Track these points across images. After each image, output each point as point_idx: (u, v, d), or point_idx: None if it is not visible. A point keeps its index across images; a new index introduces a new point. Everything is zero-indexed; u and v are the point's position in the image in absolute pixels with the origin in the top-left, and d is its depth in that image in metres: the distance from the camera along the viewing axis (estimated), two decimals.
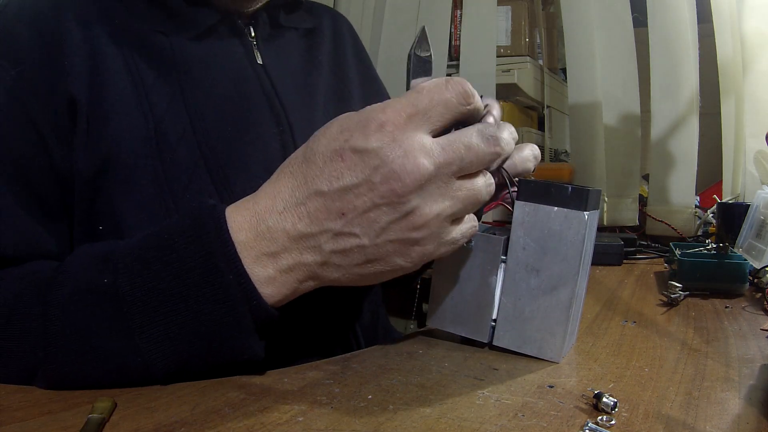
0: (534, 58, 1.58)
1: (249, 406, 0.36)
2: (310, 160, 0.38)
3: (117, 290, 0.38)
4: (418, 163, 0.36)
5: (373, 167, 0.36)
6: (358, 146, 0.37)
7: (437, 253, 0.40)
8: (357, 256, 0.39)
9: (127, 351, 0.38)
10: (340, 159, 0.37)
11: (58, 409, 0.35)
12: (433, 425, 0.34)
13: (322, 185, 0.38)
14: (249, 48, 0.59)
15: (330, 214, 0.38)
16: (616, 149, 1.36)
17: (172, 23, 0.54)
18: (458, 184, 0.38)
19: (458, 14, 1.59)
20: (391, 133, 0.36)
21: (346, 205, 0.37)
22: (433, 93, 0.37)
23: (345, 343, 0.60)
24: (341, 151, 0.37)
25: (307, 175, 0.38)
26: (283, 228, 0.38)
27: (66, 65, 0.48)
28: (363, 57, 0.76)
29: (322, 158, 0.38)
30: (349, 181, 0.37)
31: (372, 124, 0.37)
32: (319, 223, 0.38)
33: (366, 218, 0.37)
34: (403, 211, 0.37)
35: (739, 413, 0.36)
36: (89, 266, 0.40)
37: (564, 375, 0.42)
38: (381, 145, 0.36)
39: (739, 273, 0.71)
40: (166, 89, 0.52)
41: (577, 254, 0.43)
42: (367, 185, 0.37)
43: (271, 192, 0.39)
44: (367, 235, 0.38)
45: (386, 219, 0.37)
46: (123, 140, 0.49)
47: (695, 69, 1.23)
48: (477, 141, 0.38)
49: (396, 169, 0.36)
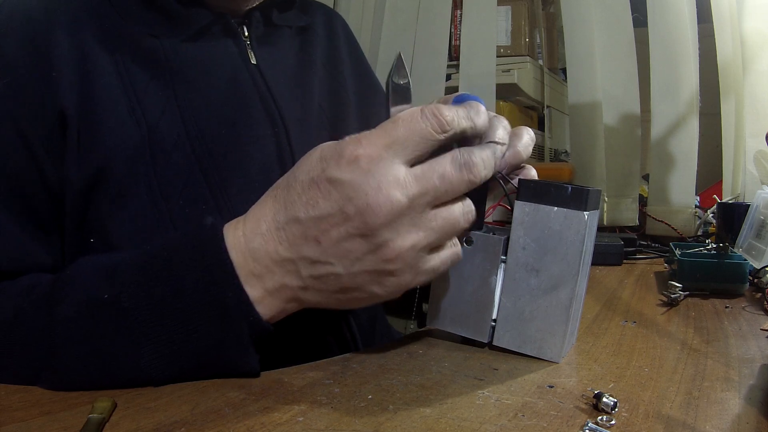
0: (534, 58, 1.58)
1: (249, 406, 0.36)
2: (291, 186, 0.39)
3: (120, 306, 0.39)
4: (391, 197, 0.36)
5: (346, 198, 0.37)
6: (332, 176, 0.37)
7: (415, 281, 0.40)
8: (333, 284, 0.39)
9: (129, 365, 0.39)
10: (316, 187, 0.38)
11: (58, 409, 0.35)
12: (433, 425, 0.34)
13: (299, 212, 0.38)
14: (243, 48, 0.58)
15: (307, 241, 0.38)
16: (616, 149, 1.36)
17: (164, 25, 0.54)
18: (433, 213, 0.38)
19: (458, 14, 1.59)
20: (366, 165, 0.37)
21: (321, 233, 0.38)
22: (408, 123, 0.37)
23: (343, 343, 0.60)
24: (318, 180, 0.38)
25: (287, 201, 0.39)
26: (266, 251, 0.39)
27: (55, 76, 0.48)
28: (357, 54, 0.75)
29: (301, 185, 0.39)
30: (323, 211, 0.37)
31: (347, 155, 0.37)
32: (297, 249, 0.39)
33: (340, 248, 0.38)
34: (376, 243, 0.37)
35: (739, 413, 0.36)
36: (93, 281, 0.41)
37: (564, 375, 0.42)
38: (354, 177, 0.37)
39: (739, 273, 0.71)
40: (159, 93, 0.52)
41: (576, 254, 0.43)
42: (341, 216, 0.37)
43: (257, 214, 0.40)
44: (342, 264, 0.38)
45: (360, 250, 0.38)
46: (116, 150, 0.48)
47: (695, 69, 1.23)
48: (451, 170, 0.38)
49: (369, 201, 0.36)
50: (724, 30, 1.20)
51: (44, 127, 0.48)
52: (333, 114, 0.65)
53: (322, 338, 0.59)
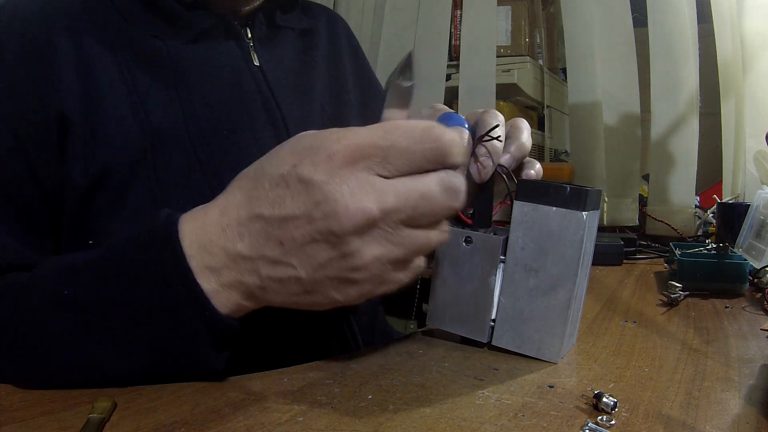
0: (534, 58, 1.58)
1: (249, 406, 0.36)
2: (259, 180, 0.37)
3: (79, 301, 0.39)
4: (362, 206, 0.34)
5: (314, 201, 0.35)
6: (303, 175, 0.35)
7: (377, 291, 0.38)
8: (293, 287, 0.37)
9: (90, 362, 0.38)
10: (285, 185, 0.36)
11: (58, 409, 0.35)
12: (433, 425, 0.34)
13: (264, 209, 0.36)
14: (245, 49, 0.59)
15: (269, 241, 0.36)
16: (616, 149, 1.36)
17: (167, 27, 0.54)
18: (406, 233, 0.36)
19: (458, 14, 1.59)
20: (340, 168, 0.34)
21: (285, 234, 0.36)
22: (400, 136, 0.35)
23: (343, 343, 0.60)
24: (287, 177, 0.35)
25: (252, 195, 0.37)
26: (224, 246, 0.37)
27: (55, 79, 0.48)
28: (359, 56, 0.76)
29: (269, 181, 0.36)
30: (289, 211, 0.35)
31: (322, 153, 0.35)
32: (258, 247, 0.37)
33: (303, 251, 0.36)
34: (341, 251, 0.35)
35: (739, 413, 0.36)
36: (54, 277, 0.41)
37: (564, 375, 0.42)
38: (326, 179, 0.34)
39: (739, 273, 0.71)
40: (162, 94, 0.52)
41: (575, 254, 0.43)
42: (307, 218, 0.35)
43: (221, 204, 0.39)
44: (304, 268, 0.36)
45: (324, 256, 0.36)
46: (118, 151, 0.48)
47: (695, 69, 1.23)
48: (436, 191, 0.36)
49: (338, 209, 0.34)
50: (724, 30, 1.20)
51: (42, 130, 0.47)
52: (334, 116, 0.65)
53: (322, 338, 0.59)
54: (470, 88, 1.54)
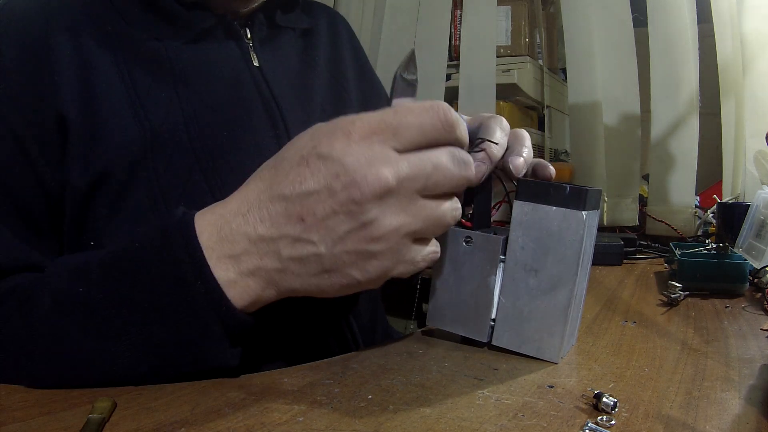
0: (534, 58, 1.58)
1: (249, 406, 0.36)
2: (279, 166, 0.39)
3: (91, 302, 0.39)
4: (379, 174, 0.36)
5: (334, 174, 0.36)
6: (322, 152, 0.37)
7: (395, 271, 0.39)
8: (313, 266, 0.38)
9: (103, 362, 0.39)
10: (305, 164, 0.37)
11: (58, 409, 0.35)
12: (433, 425, 0.34)
13: (285, 189, 0.38)
14: (245, 50, 0.58)
15: (290, 219, 0.37)
16: (616, 149, 1.36)
17: (167, 28, 0.54)
18: (422, 203, 0.38)
19: (458, 14, 1.59)
20: (357, 143, 0.36)
21: (305, 210, 0.37)
22: (409, 114, 0.37)
23: (343, 343, 0.60)
24: (307, 157, 0.37)
25: (273, 180, 0.39)
26: (245, 231, 0.38)
27: (55, 80, 0.48)
28: (360, 56, 0.75)
29: (289, 163, 0.38)
30: (310, 186, 0.37)
31: (338, 132, 0.37)
32: (279, 227, 0.38)
33: (324, 225, 0.37)
34: (361, 221, 0.37)
35: (739, 413, 0.36)
36: (66, 279, 0.41)
37: (564, 375, 0.42)
38: (344, 153, 0.36)
39: (739, 273, 0.71)
40: (162, 94, 0.52)
41: (575, 254, 0.43)
42: (328, 191, 0.36)
43: (240, 196, 0.40)
44: (324, 243, 0.37)
45: (344, 228, 0.37)
46: (118, 153, 0.48)
47: (695, 69, 1.23)
48: (447, 162, 0.38)
49: (357, 178, 0.36)
50: (724, 30, 1.20)
51: (41, 132, 0.47)
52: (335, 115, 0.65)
53: (322, 338, 0.59)
54: (470, 88, 1.54)
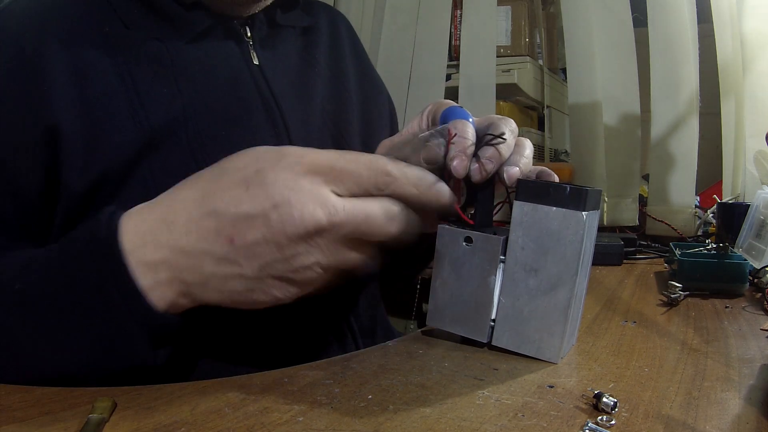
0: (534, 58, 1.58)
1: (249, 406, 0.36)
2: (218, 179, 0.39)
3: (26, 297, 0.40)
4: (315, 214, 0.37)
5: (273, 204, 0.37)
6: (266, 180, 0.37)
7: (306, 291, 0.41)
8: (236, 285, 0.39)
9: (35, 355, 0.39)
10: (245, 186, 0.38)
11: (58, 409, 0.35)
12: (433, 425, 0.34)
13: (219, 205, 0.38)
14: (245, 49, 0.58)
15: (218, 237, 0.38)
16: (616, 149, 1.36)
17: (167, 28, 0.54)
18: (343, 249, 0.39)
19: (458, 14, 1.59)
20: (301, 178, 0.37)
21: (236, 231, 0.37)
22: (354, 163, 0.39)
23: (343, 343, 0.60)
24: (249, 180, 0.38)
25: (207, 193, 0.39)
26: (167, 240, 0.38)
27: (47, 91, 0.47)
28: (361, 55, 0.75)
29: (229, 181, 0.38)
30: (246, 210, 0.37)
31: (285, 162, 0.38)
32: (205, 242, 0.38)
33: (252, 251, 0.38)
34: (287, 254, 0.38)
35: (739, 413, 0.36)
36: (9, 273, 0.42)
37: (564, 375, 0.42)
38: (287, 186, 0.37)
39: (739, 273, 0.71)
40: (164, 90, 0.52)
41: (575, 254, 0.43)
42: (263, 219, 0.37)
43: (168, 201, 0.40)
44: (251, 267, 0.38)
45: (271, 256, 0.38)
46: (116, 156, 0.48)
47: (695, 69, 1.23)
48: (379, 215, 0.39)
49: (294, 213, 0.37)
50: (724, 30, 1.20)
51: (26, 143, 0.47)
52: (336, 115, 0.65)
53: (322, 339, 0.59)
54: (470, 88, 1.54)
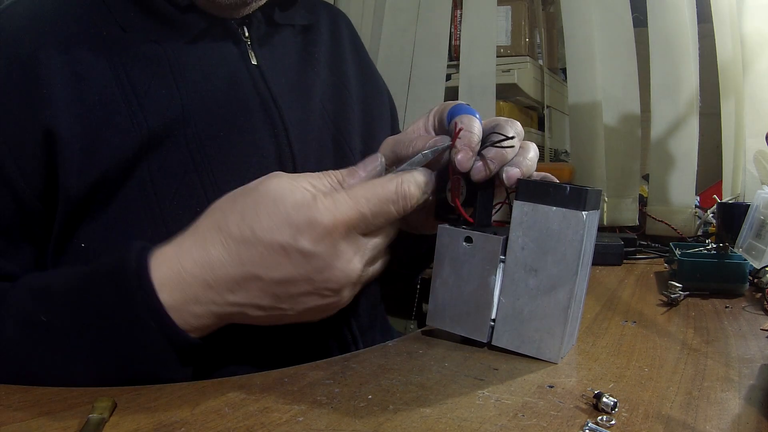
0: (534, 58, 1.58)
1: (249, 406, 0.36)
2: (250, 243, 0.40)
3: (52, 327, 0.41)
4: (355, 269, 0.42)
5: (316, 269, 0.40)
6: (305, 249, 0.39)
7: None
8: (275, 318, 0.43)
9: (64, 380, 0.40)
10: (284, 254, 0.39)
11: (58, 409, 0.35)
12: (433, 425, 0.34)
13: (260, 272, 0.40)
14: (243, 49, 0.58)
15: (265, 295, 0.41)
16: (616, 149, 1.36)
17: (164, 30, 0.54)
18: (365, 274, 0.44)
19: (458, 14, 1.59)
20: (338, 242, 0.40)
21: (282, 291, 0.40)
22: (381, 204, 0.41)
23: (343, 343, 0.60)
24: (287, 249, 0.39)
25: (244, 258, 0.40)
26: (213, 298, 0.41)
27: (44, 95, 0.47)
28: (361, 53, 0.75)
29: (265, 247, 0.39)
30: (289, 275, 0.40)
31: (320, 228, 0.39)
32: (252, 299, 0.41)
33: (296, 300, 0.41)
34: (331, 300, 0.42)
35: (739, 413, 0.36)
36: (29, 301, 0.42)
37: (564, 375, 0.42)
38: (328, 253, 0.40)
39: (739, 273, 0.71)
40: (163, 91, 0.51)
41: (575, 254, 0.43)
42: (307, 281, 0.40)
43: (200, 260, 0.40)
44: (294, 309, 0.42)
45: (315, 302, 0.42)
46: (114, 158, 0.48)
47: (695, 69, 1.23)
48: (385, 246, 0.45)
49: (337, 274, 0.41)
50: (724, 30, 1.20)
51: (24, 146, 0.47)
52: (335, 114, 0.65)
53: (322, 339, 0.59)
54: (470, 88, 1.54)
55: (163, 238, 0.43)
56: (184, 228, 0.43)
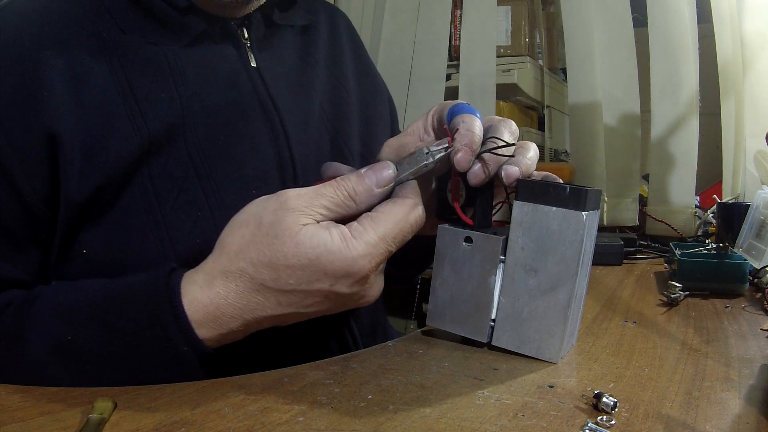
0: (534, 58, 1.58)
1: (249, 406, 0.36)
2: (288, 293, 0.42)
3: (78, 348, 0.42)
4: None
5: (352, 300, 0.44)
6: (342, 292, 0.42)
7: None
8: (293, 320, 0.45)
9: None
10: (323, 296, 0.42)
11: (58, 409, 0.35)
12: (433, 425, 0.34)
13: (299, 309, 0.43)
14: (242, 50, 0.58)
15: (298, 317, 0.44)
16: (616, 149, 1.36)
17: (164, 33, 0.54)
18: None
19: (458, 14, 1.59)
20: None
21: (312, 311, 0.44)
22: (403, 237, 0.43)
23: (343, 343, 0.60)
24: (326, 293, 0.42)
25: (283, 302, 0.42)
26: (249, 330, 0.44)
27: (45, 97, 0.47)
28: (361, 52, 0.75)
29: (304, 294, 0.42)
30: (326, 308, 0.44)
31: (356, 275, 0.42)
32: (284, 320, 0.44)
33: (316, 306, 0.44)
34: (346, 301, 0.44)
35: (739, 413, 0.36)
36: (55, 322, 0.43)
37: (564, 375, 0.42)
38: (362, 289, 0.43)
39: (739, 273, 0.71)
40: (163, 95, 0.51)
41: (575, 255, 0.43)
42: (341, 306, 0.45)
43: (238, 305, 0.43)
44: (314, 312, 0.44)
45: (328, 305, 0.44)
46: (115, 163, 0.48)
47: (695, 69, 1.23)
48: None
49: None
50: (724, 30, 1.20)
51: (26, 149, 0.47)
52: (335, 115, 0.64)
53: (323, 339, 0.59)
54: (470, 88, 1.54)
55: (164, 242, 0.43)
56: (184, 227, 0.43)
